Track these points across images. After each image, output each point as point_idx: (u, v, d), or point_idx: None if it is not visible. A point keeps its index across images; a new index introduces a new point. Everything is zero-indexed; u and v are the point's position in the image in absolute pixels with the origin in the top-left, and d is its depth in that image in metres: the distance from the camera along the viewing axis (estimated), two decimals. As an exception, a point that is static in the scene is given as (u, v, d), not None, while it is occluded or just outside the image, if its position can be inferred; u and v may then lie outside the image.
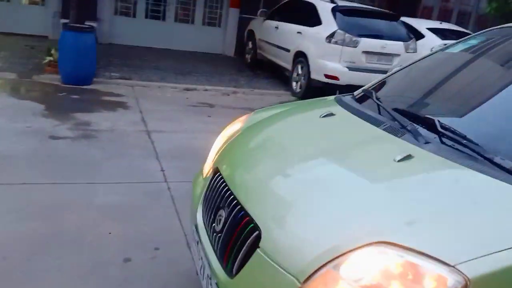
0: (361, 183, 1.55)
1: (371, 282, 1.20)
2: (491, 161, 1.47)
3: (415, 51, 8.17)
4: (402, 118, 1.84)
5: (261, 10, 10.32)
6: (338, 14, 7.68)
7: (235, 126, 2.35)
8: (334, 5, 7.89)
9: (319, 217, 1.44)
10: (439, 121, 1.70)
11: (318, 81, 7.69)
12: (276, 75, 9.37)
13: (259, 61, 10.08)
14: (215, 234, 1.72)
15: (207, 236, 1.81)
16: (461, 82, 2.21)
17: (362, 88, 2.54)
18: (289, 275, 1.32)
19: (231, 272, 1.55)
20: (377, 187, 1.53)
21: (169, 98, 7.00)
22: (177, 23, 11.41)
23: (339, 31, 7.44)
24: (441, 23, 10.55)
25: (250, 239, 1.50)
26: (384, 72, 7.71)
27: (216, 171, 1.97)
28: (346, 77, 7.52)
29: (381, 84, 2.51)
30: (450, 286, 1.11)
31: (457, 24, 12.08)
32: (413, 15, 11.14)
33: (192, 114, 6.32)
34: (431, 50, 8.70)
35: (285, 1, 9.52)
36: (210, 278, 1.65)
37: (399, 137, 1.75)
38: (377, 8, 8.48)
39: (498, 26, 2.52)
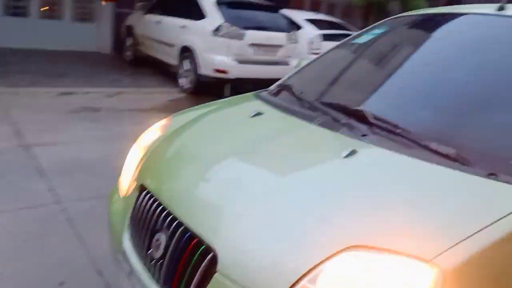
0: (315, 186, 1.46)
1: None
2: (428, 148, 1.50)
3: (296, 41, 8.48)
4: (334, 112, 1.80)
5: (139, 3, 9.80)
6: (222, 6, 7.59)
7: (154, 134, 2.10)
8: (217, -3, 7.79)
9: (280, 228, 1.31)
10: (371, 112, 1.69)
11: (207, 76, 7.54)
12: (162, 72, 9.00)
13: (142, 58, 9.57)
14: (154, 261, 1.50)
15: (141, 265, 1.57)
16: (377, 71, 2.26)
17: (278, 83, 2.48)
18: None
19: None
20: (332, 187, 1.45)
21: (46, 105, 6.26)
22: (42, 20, 10.30)
23: (225, 24, 7.36)
24: (316, 14, 11.11)
25: (205, 262, 1.32)
26: (271, 63, 7.91)
27: (141, 188, 1.73)
28: (236, 70, 7.49)
29: (296, 78, 2.47)
30: (431, 280, 1.08)
31: (327, 14, 12.85)
32: (285, 6, 11.52)
33: (76, 121, 5.73)
34: (312, 40, 9.22)
35: (164, -6, 9.16)
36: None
37: (336, 131, 1.69)
38: (258, 0, 8.59)
39: (399, 15, 2.64)
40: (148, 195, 1.65)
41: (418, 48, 2.24)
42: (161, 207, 1.55)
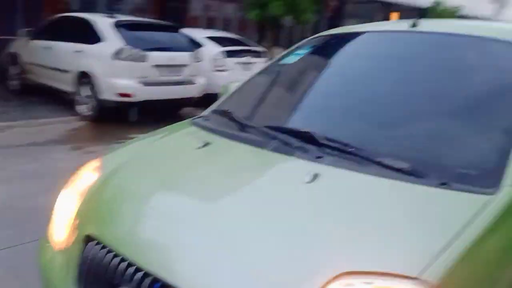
0: (285, 215, 1.41)
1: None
2: (383, 164, 1.55)
3: (200, 60, 8.46)
4: (284, 136, 1.78)
5: (23, 29, 9.04)
6: (121, 29, 7.29)
7: (90, 176, 1.89)
8: (115, 19, 7.46)
9: (264, 265, 1.25)
10: (321, 134, 1.71)
11: (110, 100, 7.17)
12: (56, 100, 8.36)
13: (31, 86, 8.83)
14: None
15: None
16: (314, 91, 2.27)
17: (213, 109, 2.41)
18: None
19: None
20: (303, 215, 1.42)
21: None
22: None
23: (125, 47, 7.08)
24: (215, 31, 11.21)
25: None
26: (177, 83, 7.78)
27: (88, 239, 1.54)
28: (141, 93, 7.23)
29: (231, 103, 2.42)
30: None
31: (223, 30, 13.07)
32: (181, 24, 11.48)
33: (-39, 163, 5.06)
34: (215, 57, 9.24)
35: (53, 19, 8.56)
36: None
37: (291, 155, 1.67)
38: (157, 21, 8.41)
39: (320, 34, 2.73)
40: (99, 246, 1.47)
41: (347, 66, 2.32)
42: (119, 258, 1.39)
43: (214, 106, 2.47)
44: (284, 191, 1.54)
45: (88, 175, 1.90)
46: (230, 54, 9.70)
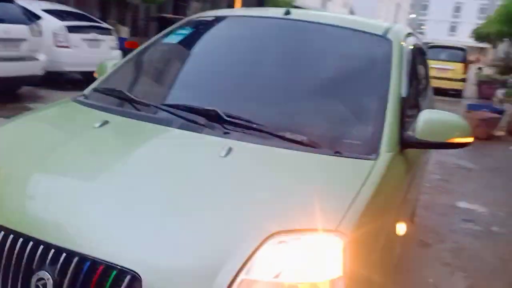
0: (210, 187, 1.49)
1: (287, 271, 1.26)
2: (285, 138, 1.76)
3: (41, 34, 7.66)
4: (186, 113, 1.86)
5: None
6: None
7: None
8: None
9: (198, 226, 1.34)
10: (223, 111, 1.83)
11: None
12: None
13: None
14: None
15: None
16: (204, 69, 2.33)
17: (94, 87, 2.31)
18: None
19: None
20: (226, 185, 1.52)
21: None
22: None
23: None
24: (52, 4, 10.18)
25: (125, 284, 1.23)
26: (16, 59, 6.95)
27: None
28: (-28, 70, 6.29)
29: (116, 80, 2.34)
30: (338, 250, 1.31)
31: (59, 3, 11.97)
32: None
33: None
34: (57, 32, 8.46)
35: None
36: None
37: (200, 133, 1.76)
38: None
39: (200, 14, 2.80)
40: (3, 233, 1.36)
41: (233, 46, 2.44)
42: (31, 243, 1.32)
43: (94, 85, 2.37)
44: (202, 165, 1.63)
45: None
46: (73, 29, 8.99)
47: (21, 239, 1.35)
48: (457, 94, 14.89)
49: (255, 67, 2.29)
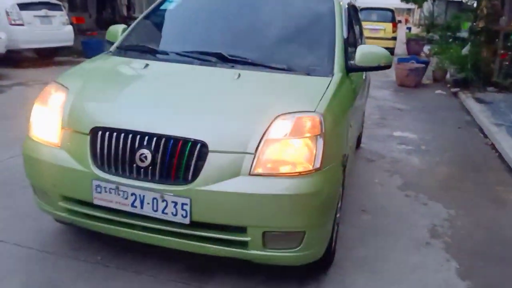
0: (233, 93, 2.36)
1: (288, 134, 2.11)
2: (271, 67, 2.60)
3: (-3, 13, 7.86)
4: (201, 55, 2.67)
5: None
6: None
7: (59, 92, 2.38)
8: None
9: (234, 113, 2.19)
10: (226, 52, 2.66)
11: None
12: None
13: None
14: (141, 169, 2.05)
15: (123, 179, 2.08)
16: (203, 24, 3.09)
17: (118, 45, 2.99)
18: (245, 153, 2.03)
19: (185, 181, 2.03)
20: (242, 92, 2.39)
21: None
22: None
23: None
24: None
25: (197, 149, 2.02)
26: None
27: (95, 130, 2.13)
28: None
29: (134, 40, 3.03)
30: (318, 121, 2.16)
31: None
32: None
33: None
34: (9, 10, 8.61)
35: None
36: (162, 196, 2.02)
37: (215, 66, 2.58)
38: None
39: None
40: (112, 132, 2.10)
41: (215, 6, 3.24)
42: (132, 135, 2.08)
43: (117, 44, 3.05)
44: (226, 82, 2.45)
45: (55, 93, 2.38)
46: (24, 7, 9.14)
47: (123, 133, 2.10)
48: (389, 52, 16.27)
49: (242, 20, 3.10)
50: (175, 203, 2.04)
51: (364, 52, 2.83)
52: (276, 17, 3.11)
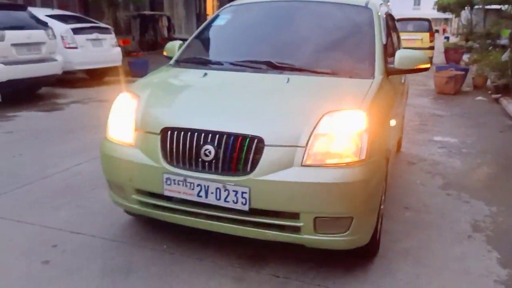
0: (285, 95, 2.64)
1: (336, 128, 2.35)
2: (316, 72, 2.87)
3: (55, 37, 8.53)
4: (253, 64, 2.98)
5: None
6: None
7: (130, 99, 2.74)
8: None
9: (286, 112, 2.46)
10: (275, 61, 2.95)
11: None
12: None
13: None
14: (206, 163, 2.35)
15: (190, 172, 2.38)
16: (252, 36, 3.44)
17: (177, 59, 3.35)
18: (297, 146, 2.29)
19: (245, 172, 2.31)
20: (294, 94, 2.66)
21: None
22: None
23: (-18, 26, 6.89)
24: (52, 9, 11.00)
25: (255, 144, 2.29)
26: (39, 61, 7.82)
27: (166, 130, 2.45)
28: (4, 73, 7.16)
29: (191, 53, 3.39)
30: (362, 117, 2.39)
31: (43, 6, 12.83)
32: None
33: None
34: (64, 35, 9.29)
35: None
36: (224, 186, 2.30)
37: (266, 73, 2.89)
38: (3, 1, 8.13)
39: (230, 4, 3.86)
40: (179, 131, 2.41)
41: (260, 21, 3.58)
42: (197, 134, 2.38)
43: (175, 58, 3.41)
44: (277, 86, 2.74)
45: (128, 100, 2.74)
46: (77, 31, 9.84)
47: (189, 132, 2.41)
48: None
49: (287, 31, 3.40)
50: (236, 192, 2.32)
51: (402, 56, 3.05)
52: (319, 27, 3.39)
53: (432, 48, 16.26)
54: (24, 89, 8.35)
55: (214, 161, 2.35)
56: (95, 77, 10.87)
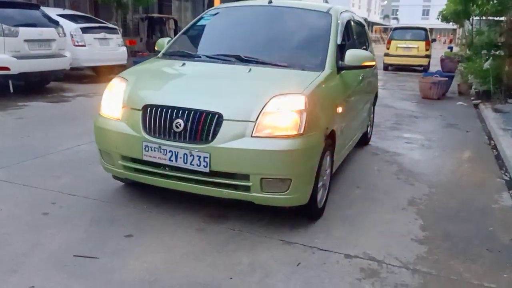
0: (248, 80, 3.25)
1: (281, 108, 2.93)
2: (275, 64, 3.47)
3: (65, 35, 9.21)
4: (224, 57, 3.57)
5: None
6: (-12, 6, 7.69)
7: (120, 82, 3.34)
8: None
9: (243, 94, 3.06)
10: (242, 55, 3.55)
11: (-12, 74, 7.61)
12: None
13: None
14: (176, 133, 2.93)
15: (164, 140, 2.97)
16: (226, 34, 4.08)
17: (164, 52, 3.97)
18: (248, 121, 2.87)
19: (207, 141, 2.88)
20: (252, 80, 3.26)
21: None
22: None
23: (-1, 23, 7.57)
24: (64, 9, 11.72)
25: (216, 119, 2.87)
26: (49, 57, 8.50)
27: (146, 107, 3.06)
28: (17, 66, 7.82)
29: (176, 47, 4.02)
30: (303, 100, 2.98)
31: (55, 6, 13.58)
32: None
33: None
34: (73, 33, 9.96)
35: None
36: (190, 152, 2.87)
37: (233, 64, 3.48)
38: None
39: (216, 7, 4.48)
40: (157, 108, 3.01)
41: (239, 21, 4.22)
42: (170, 109, 2.97)
43: (162, 51, 4.03)
44: (240, 75, 3.34)
45: (119, 83, 3.35)
46: (86, 30, 10.52)
47: (165, 108, 3.00)
48: (423, 69, 16.73)
49: (257, 31, 4.01)
50: (199, 157, 2.90)
51: (351, 54, 3.64)
52: (285, 29, 4.01)
53: (428, 56, 16.76)
54: (35, 82, 9.04)
55: (183, 132, 2.95)
56: (101, 74, 11.52)
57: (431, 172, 4.71)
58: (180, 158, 2.95)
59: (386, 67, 17.21)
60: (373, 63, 3.72)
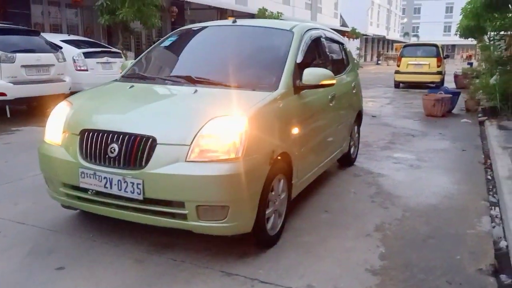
0: (190, 102, 3.13)
1: (220, 130, 2.78)
2: (224, 84, 3.33)
3: (65, 60, 9.35)
4: (174, 78, 3.47)
5: None
6: (-14, 33, 7.87)
7: (65, 107, 3.25)
8: (-20, 24, 7.98)
9: (180, 117, 2.92)
10: (192, 75, 3.44)
11: (-15, 100, 7.74)
12: None
13: None
14: (111, 159, 2.81)
15: (99, 166, 2.84)
16: (183, 56, 4.01)
17: (123, 74, 3.90)
18: (183, 145, 2.72)
19: (140, 166, 2.75)
20: (195, 102, 3.13)
21: None
22: None
23: (-6, 49, 7.73)
24: (69, 35, 11.96)
25: (149, 143, 2.74)
26: (47, 81, 8.61)
27: (83, 131, 2.95)
28: (13, 91, 7.94)
29: (135, 69, 3.95)
30: (243, 122, 2.82)
31: (68, 34, 13.87)
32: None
33: None
34: (76, 58, 10.11)
35: None
36: (124, 178, 2.74)
37: (181, 85, 3.36)
38: (16, 26, 9.05)
39: (183, 28, 4.40)
40: (93, 132, 2.90)
41: (199, 42, 4.15)
42: (106, 134, 2.86)
43: (121, 74, 3.95)
44: (184, 96, 3.22)
45: (63, 107, 3.26)
46: (89, 55, 10.68)
47: (100, 133, 2.89)
48: (436, 86, 16.32)
49: (213, 52, 3.91)
50: (133, 183, 2.76)
51: (309, 72, 3.47)
52: (243, 48, 3.88)
53: (440, 73, 16.37)
54: (34, 106, 9.16)
55: (117, 157, 2.82)
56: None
57: (411, 194, 4.43)
58: (115, 185, 2.82)
59: (398, 85, 16.89)
60: (333, 81, 3.54)
